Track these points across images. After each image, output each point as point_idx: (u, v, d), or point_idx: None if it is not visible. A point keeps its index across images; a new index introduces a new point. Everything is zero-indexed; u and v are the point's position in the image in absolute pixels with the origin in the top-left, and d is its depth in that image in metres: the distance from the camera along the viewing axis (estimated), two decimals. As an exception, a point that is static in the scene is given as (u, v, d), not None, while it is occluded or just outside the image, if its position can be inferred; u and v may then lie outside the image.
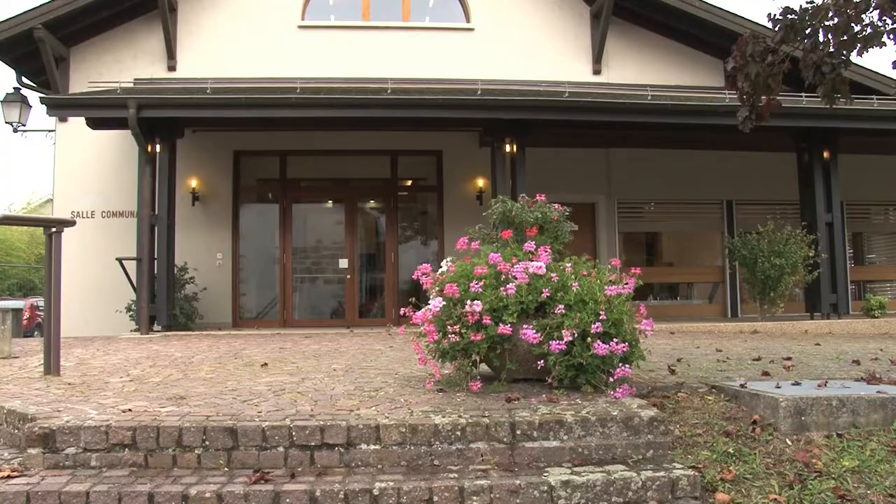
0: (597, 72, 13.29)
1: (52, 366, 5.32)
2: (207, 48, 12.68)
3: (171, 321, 10.42)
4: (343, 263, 12.88)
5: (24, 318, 16.33)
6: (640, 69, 13.31)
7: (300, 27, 12.97)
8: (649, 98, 10.94)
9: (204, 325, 11.42)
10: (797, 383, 4.42)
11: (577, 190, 12.87)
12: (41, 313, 17.79)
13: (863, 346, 7.83)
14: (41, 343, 6.48)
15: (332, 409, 3.79)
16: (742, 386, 4.31)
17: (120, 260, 10.60)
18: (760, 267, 10.92)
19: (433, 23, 13.48)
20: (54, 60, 11.88)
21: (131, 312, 10.77)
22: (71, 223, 5.77)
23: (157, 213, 10.43)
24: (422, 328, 4.31)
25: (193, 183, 12.33)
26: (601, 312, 4.09)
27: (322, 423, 3.45)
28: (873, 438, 3.73)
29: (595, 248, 13.28)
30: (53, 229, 5.32)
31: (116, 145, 12.11)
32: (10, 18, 11.36)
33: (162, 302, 10.27)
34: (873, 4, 4.93)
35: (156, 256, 10.42)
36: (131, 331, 10.59)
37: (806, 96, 10.23)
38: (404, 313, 4.45)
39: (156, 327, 10.32)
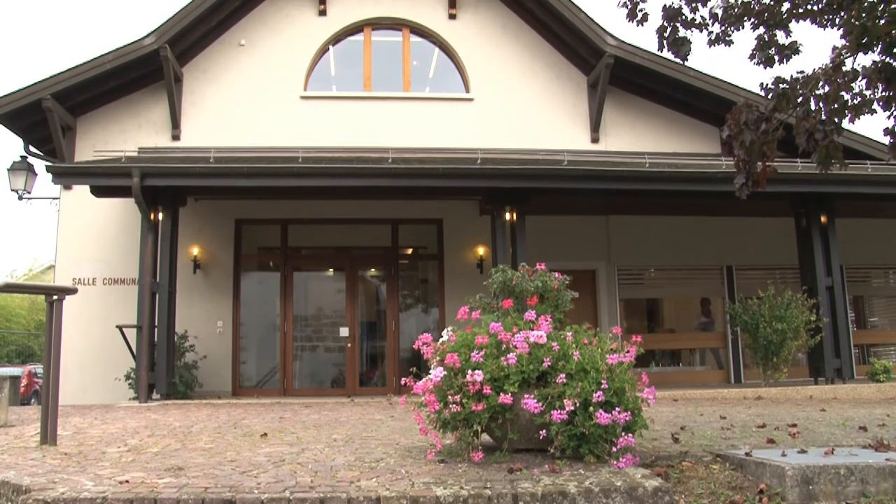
0: (595, 140, 13.49)
1: (48, 435, 5.26)
2: (211, 118, 12.91)
3: (171, 389, 10.33)
4: (344, 331, 12.83)
5: (22, 385, 16.21)
6: (637, 137, 13.53)
7: (302, 97, 13.22)
8: (647, 165, 11.07)
9: (203, 393, 11.33)
10: (803, 451, 4.37)
11: (577, 257, 12.93)
12: (39, 380, 17.74)
13: (869, 411, 7.74)
14: (38, 411, 6.42)
15: (333, 480, 3.74)
16: (747, 454, 4.25)
17: (120, 327, 10.57)
18: (762, 332, 10.88)
19: (433, 93, 13.75)
20: (61, 129, 12.09)
21: (130, 380, 10.68)
22: (73, 291, 5.78)
23: (158, 280, 10.45)
24: (423, 398, 4.28)
25: (195, 251, 12.39)
26: (603, 381, 4.08)
27: (322, 494, 3.40)
28: (883, 509, 3.67)
29: (596, 314, 13.25)
30: (55, 297, 5.34)
31: (119, 213, 12.22)
32: (21, 89, 11.62)
33: (161, 370, 10.21)
34: (861, 74, 5.06)
35: (156, 324, 10.39)
36: (130, 399, 10.50)
37: (801, 162, 10.37)
38: (405, 382, 4.44)
39: (155, 395, 10.23)
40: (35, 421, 6.96)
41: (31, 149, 12.73)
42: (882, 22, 4.79)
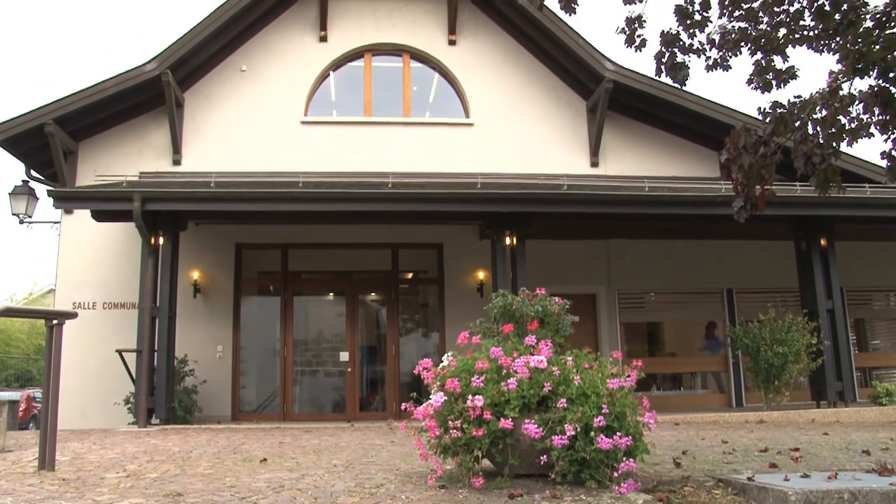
0: (594, 164, 13.54)
1: (46, 460, 5.23)
2: (212, 142, 12.97)
3: (170, 414, 10.29)
4: (344, 356, 12.79)
5: (20, 409, 16.11)
6: (636, 161, 13.58)
7: (303, 122, 13.29)
8: (646, 189, 11.11)
9: (203, 418, 11.28)
10: (806, 475, 4.34)
11: (577, 281, 12.94)
12: (37, 405, 17.64)
13: (872, 435, 7.70)
14: (36, 436, 6.38)
15: (332, 506, 3.71)
16: (749, 479, 4.23)
17: (120, 352, 10.55)
18: (763, 356, 10.85)
19: (433, 118, 13.82)
20: (63, 154, 12.15)
21: (129, 405, 10.64)
22: (73, 315, 5.77)
23: (158, 304, 10.44)
24: (423, 423, 4.27)
25: (195, 275, 12.39)
26: (603, 406, 4.06)
27: (321, 521, 3.38)
28: (886, 534, 3.64)
29: (597, 339, 13.23)
30: (55, 321, 5.33)
31: (119, 237, 12.24)
32: (23, 114, 11.69)
33: (161, 394, 10.17)
34: (858, 98, 5.10)
35: (156, 348, 10.37)
36: (129, 424, 10.45)
37: (800, 185, 10.40)
38: (406, 408, 4.43)
39: (154, 420, 10.19)
40: (33, 446, 6.92)
41: (33, 173, 12.82)
42: (877, 47, 4.83)
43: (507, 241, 10.96)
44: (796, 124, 5.11)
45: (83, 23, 71.36)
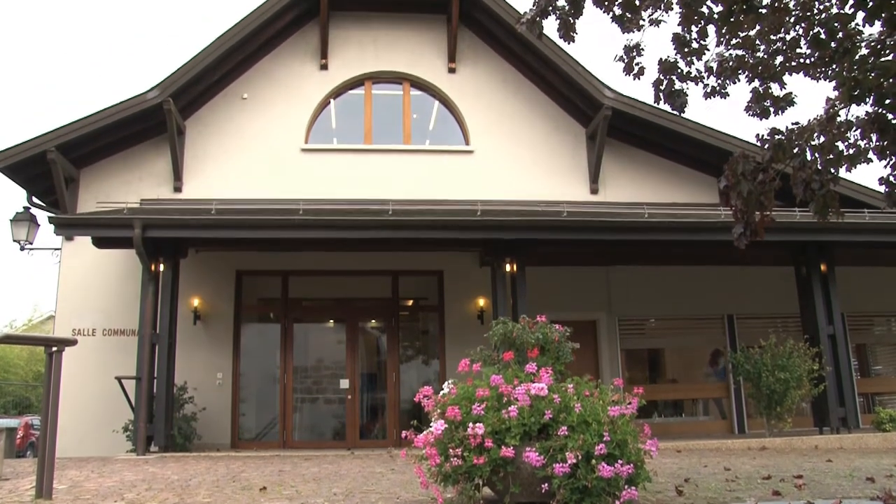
0: (594, 191, 13.59)
1: (44, 489, 5.19)
2: (213, 169, 13.02)
3: (169, 442, 10.23)
4: (344, 383, 12.74)
5: (18, 436, 16.02)
6: (636, 187, 13.62)
7: (304, 150, 13.35)
8: (646, 216, 11.14)
9: (202, 445, 11.21)
10: (810, 503, 4.31)
11: (577, 308, 12.92)
12: (35, 432, 17.53)
13: (876, 461, 7.65)
14: (34, 464, 6.33)
15: (332, 536, 3.69)
16: (752, 508, 4.20)
17: (119, 379, 10.50)
18: (765, 381, 10.80)
19: (433, 145, 13.89)
20: (65, 181, 12.19)
21: (128, 432, 10.57)
22: (72, 342, 5.77)
23: (158, 331, 10.42)
24: (423, 451, 4.25)
25: (195, 302, 12.38)
26: (605, 433, 4.05)
27: (321, 551, 3.35)
28: (891, 563, 3.60)
29: (597, 365, 13.18)
30: (55, 348, 5.33)
31: (120, 264, 12.24)
32: (25, 142, 11.75)
33: (160, 422, 10.12)
34: (855, 125, 5.14)
35: (155, 375, 10.33)
36: (127, 451, 10.39)
37: (799, 211, 10.43)
38: (406, 435, 4.41)
39: (153, 448, 10.13)
40: (31, 474, 6.87)
41: (35, 200, 12.84)
42: (873, 75, 4.87)
43: (508, 268, 10.97)
44: (794, 151, 5.14)
45: (83, 23, 71.93)
